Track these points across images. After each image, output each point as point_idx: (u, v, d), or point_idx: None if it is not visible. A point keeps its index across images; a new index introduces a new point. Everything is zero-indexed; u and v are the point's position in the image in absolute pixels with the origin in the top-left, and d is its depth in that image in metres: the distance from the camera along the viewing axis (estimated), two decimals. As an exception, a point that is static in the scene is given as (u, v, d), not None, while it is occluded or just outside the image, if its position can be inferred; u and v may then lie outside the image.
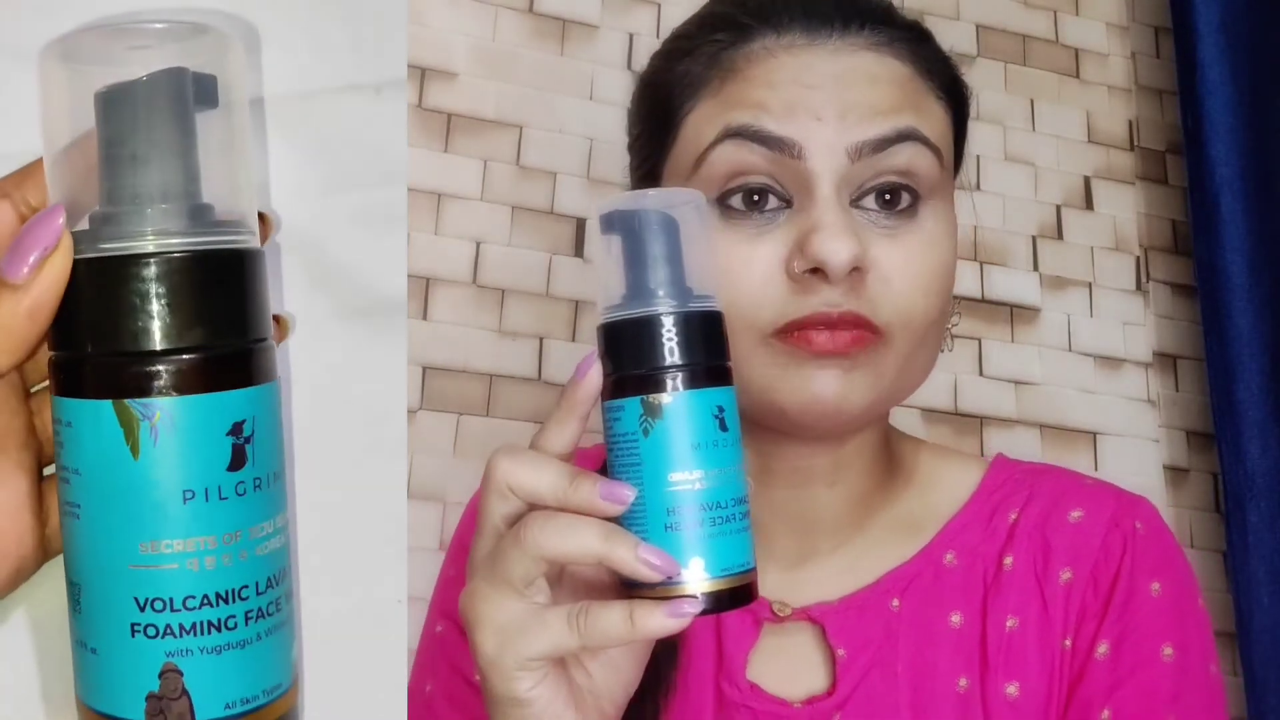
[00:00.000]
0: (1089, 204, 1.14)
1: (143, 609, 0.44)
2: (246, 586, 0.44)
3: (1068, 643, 0.55)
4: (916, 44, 0.56)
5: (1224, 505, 1.03)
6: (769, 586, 0.56)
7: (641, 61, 0.67)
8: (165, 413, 0.43)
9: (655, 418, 0.41)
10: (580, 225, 1.00)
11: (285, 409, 0.47)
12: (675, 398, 0.41)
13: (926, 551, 0.58)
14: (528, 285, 0.99)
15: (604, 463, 0.44)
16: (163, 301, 0.43)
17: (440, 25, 1.02)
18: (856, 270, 0.51)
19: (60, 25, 0.47)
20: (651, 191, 0.47)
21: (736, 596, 0.41)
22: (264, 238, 0.48)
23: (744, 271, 0.52)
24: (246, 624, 0.44)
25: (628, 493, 0.41)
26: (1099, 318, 1.12)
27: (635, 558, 0.40)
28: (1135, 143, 1.17)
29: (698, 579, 0.40)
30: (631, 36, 1.06)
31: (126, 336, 0.43)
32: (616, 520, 0.42)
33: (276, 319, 0.49)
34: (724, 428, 0.41)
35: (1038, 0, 1.18)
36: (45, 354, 0.46)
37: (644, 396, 0.41)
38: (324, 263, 0.53)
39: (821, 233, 0.50)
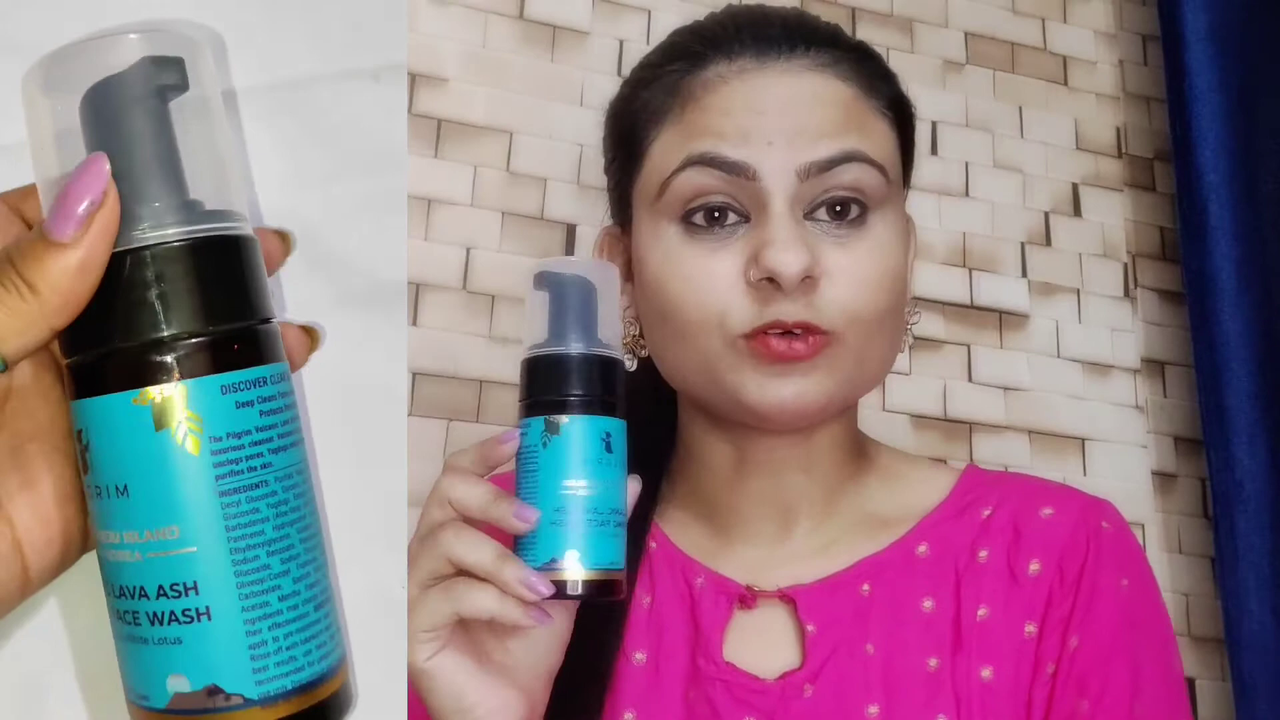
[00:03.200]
0: (1077, 211, 1.15)
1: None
2: (107, 583, 0.46)
3: (1031, 628, 0.58)
4: (860, 64, 0.60)
5: (1213, 511, 1.03)
6: (746, 569, 0.61)
7: (632, 67, 0.68)
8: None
9: (553, 434, 0.50)
10: (571, 231, 1.00)
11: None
12: (570, 420, 0.50)
13: (900, 543, 0.61)
14: (518, 291, 0.98)
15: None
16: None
17: (431, 30, 1.02)
18: (809, 278, 0.56)
19: (48, 16, 0.48)
20: (575, 259, 0.56)
21: (604, 588, 0.50)
22: (285, 253, 0.49)
23: (708, 281, 0.57)
24: (111, 618, 0.47)
25: (533, 515, 0.50)
26: (1087, 324, 1.12)
27: (516, 579, 0.49)
28: (1123, 150, 1.17)
29: (574, 568, 0.50)
30: (621, 43, 1.06)
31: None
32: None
33: (307, 330, 0.50)
34: (609, 450, 0.51)
35: (1026, 8, 1.18)
36: None
37: (546, 417, 0.51)
38: (323, 250, 0.53)
39: (773, 246, 0.55)
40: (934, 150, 1.13)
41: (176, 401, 0.44)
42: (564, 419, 0.51)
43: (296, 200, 0.52)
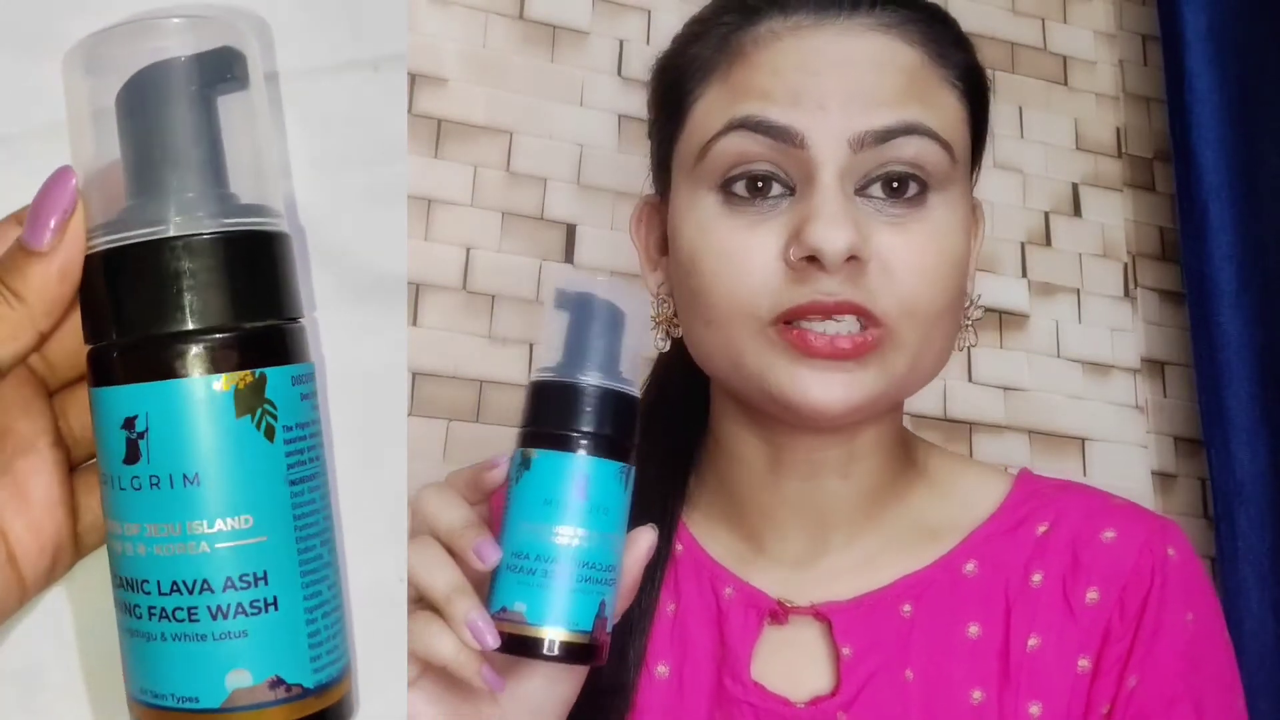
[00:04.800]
0: (1077, 211, 1.15)
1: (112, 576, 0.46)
2: (146, 582, 0.45)
3: (1085, 663, 0.54)
4: (929, 27, 0.54)
5: (1213, 511, 1.03)
6: (778, 580, 0.56)
7: (632, 67, 0.67)
8: (92, 401, 0.45)
9: (524, 469, 0.45)
10: (571, 231, 1.00)
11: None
12: (541, 456, 0.45)
13: (946, 560, 0.56)
14: (517, 291, 0.99)
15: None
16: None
17: (431, 31, 1.01)
18: (855, 259, 0.50)
19: (55, 10, 0.48)
20: (601, 279, 0.50)
21: (564, 650, 0.45)
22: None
23: (743, 258, 0.52)
24: (149, 618, 0.45)
25: (492, 555, 0.45)
26: (1087, 324, 1.12)
27: (462, 619, 0.44)
28: (1123, 150, 1.17)
29: (524, 621, 0.44)
30: (621, 43, 1.06)
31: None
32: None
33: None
34: (584, 495, 0.45)
35: (1026, 8, 1.18)
36: (67, 357, 0.47)
37: (522, 449, 0.46)
38: (323, 241, 0.52)
39: (818, 221, 0.50)
40: (934, 150, 1.13)
41: (257, 389, 0.44)
42: (535, 453, 0.45)
43: (295, 191, 0.52)
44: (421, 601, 0.47)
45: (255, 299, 0.45)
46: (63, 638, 0.51)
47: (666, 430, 0.54)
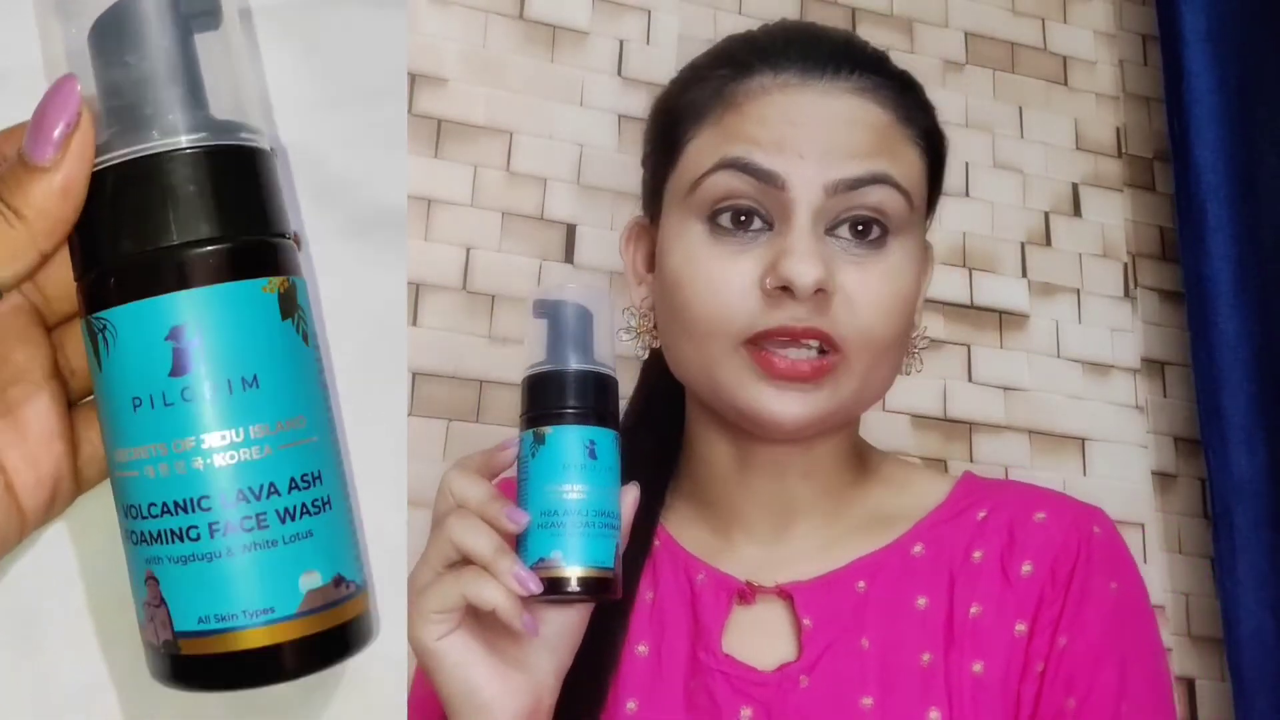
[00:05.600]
0: (1077, 211, 1.15)
1: (126, 515, 0.46)
2: (206, 497, 0.44)
3: (1021, 627, 0.60)
4: (900, 93, 0.62)
5: (1212, 511, 1.03)
6: (746, 567, 0.63)
7: (632, 67, 0.68)
8: (110, 323, 0.44)
9: (540, 444, 0.53)
10: (571, 231, 1.00)
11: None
12: (555, 430, 0.53)
13: (897, 544, 0.63)
14: (518, 291, 0.99)
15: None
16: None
17: (431, 31, 1.02)
18: (822, 291, 0.57)
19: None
20: (570, 284, 0.59)
21: (594, 584, 0.53)
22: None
23: (724, 283, 0.59)
24: (212, 537, 0.44)
25: (523, 518, 0.52)
26: (1087, 324, 1.12)
27: (509, 571, 0.51)
28: (1123, 150, 1.17)
29: (561, 566, 0.53)
30: (621, 43, 1.06)
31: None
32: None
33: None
34: (593, 456, 0.53)
35: (1026, 8, 1.18)
36: (63, 289, 0.46)
37: (534, 429, 0.54)
38: (322, 178, 0.53)
39: (792, 256, 0.57)
40: (934, 150, 1.13)
41: (292, 294, 0.46)
42: (548, 430, 0.54)
43: (293, 126, 0.53)
44: (459, 563, 0.53)
45: (281, 210, 0.47)
46: (66, 576, 0.51)
47: (648, 442, 0.61)
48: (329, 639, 0.45)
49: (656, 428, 0.66)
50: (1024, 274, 1.12)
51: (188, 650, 0.44)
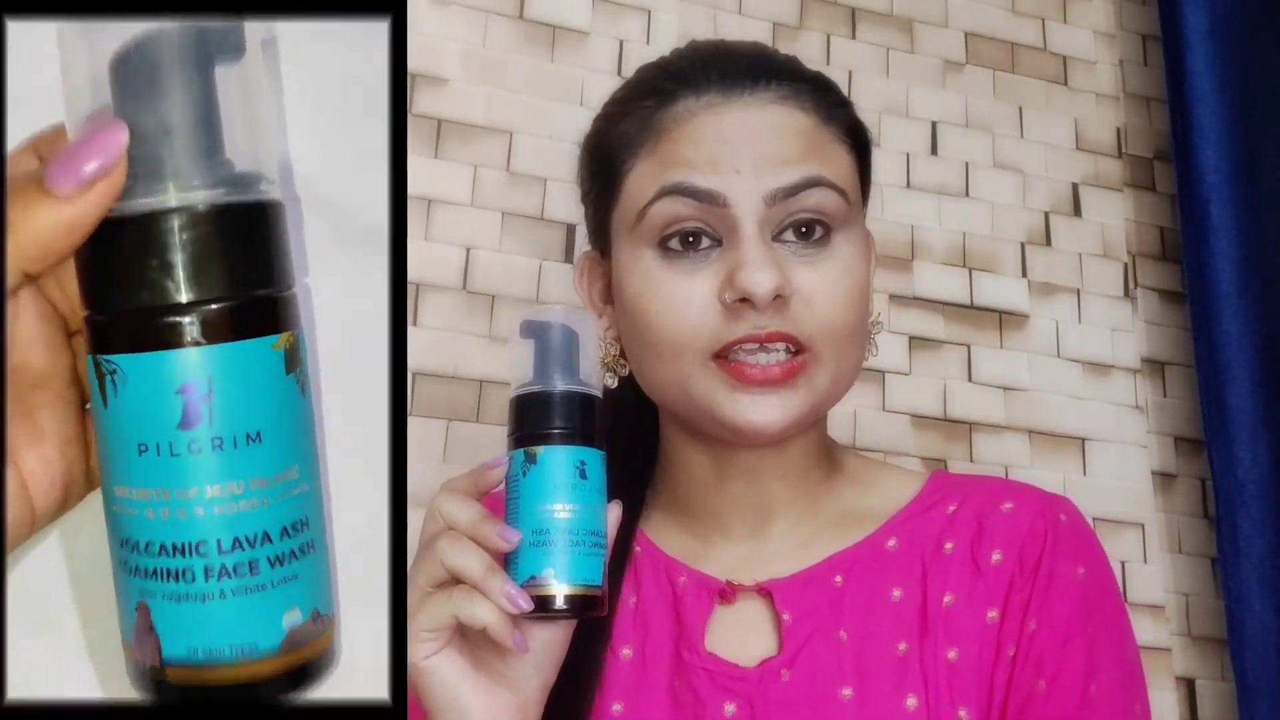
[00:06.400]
0: (1077, 211, 1.15)
1: (121, 545, 0.47)
2: (204, 543, 0.46)
3: (993, 614, 0.61)
4: (818, 94, 0.64)
5: (1215, 511, 1.03)
6: (726, 567, 0.64)
7: (632, 68, 0.68)
8: (120, 368, 0.45)
9: (531, 464, 0.54)
10: (570, 231, 1.00)
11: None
12: (546, 450, 0.55)
13: (871, 539, 0.64)
14: (518, 291, 0.99)
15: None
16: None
17: (431, 31, 1.01)
18: (780, 297, 0.59)
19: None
20: (557, 307, 0.59)
21: (584, 602, 0.54)
22: None
23: (683, 303, 0.60)
24: (206, 580, 0.46)
25: (514, 536, 0.54)
26: (1087, 324, 1.12)
27: (500, 591, 0.53)
28: (1123, 150, 1.17)
29: (552, 584, 0.54)
30: (621, 43, 1.06)
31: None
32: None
33: None
34: (583, 476, 0.55)
35: (1026, 8, 1.18)
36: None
37: (525, 448, 0.55)
38: (310, 194, 0.54)
39: (746, 268, 0.59)
40: (934, 150, 1.12)
41: (296, 348, 0.47)
42: (540, 449, 0.55)
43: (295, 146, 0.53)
44: (448, 583, 0.54)
45: (288, 266, 0.48)
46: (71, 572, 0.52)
47: (623, 454, 0.60)
48: (304, 670, 0.48)
49: (632, 440, 0.68)
50: (1024, 274, 1.12)
51: (174, 678, 0.47)
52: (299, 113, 0.54)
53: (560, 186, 1.01)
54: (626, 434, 0.67)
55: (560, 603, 0.53)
